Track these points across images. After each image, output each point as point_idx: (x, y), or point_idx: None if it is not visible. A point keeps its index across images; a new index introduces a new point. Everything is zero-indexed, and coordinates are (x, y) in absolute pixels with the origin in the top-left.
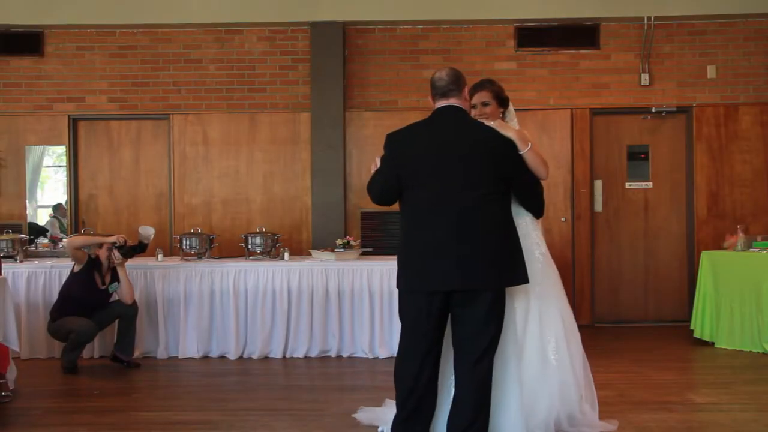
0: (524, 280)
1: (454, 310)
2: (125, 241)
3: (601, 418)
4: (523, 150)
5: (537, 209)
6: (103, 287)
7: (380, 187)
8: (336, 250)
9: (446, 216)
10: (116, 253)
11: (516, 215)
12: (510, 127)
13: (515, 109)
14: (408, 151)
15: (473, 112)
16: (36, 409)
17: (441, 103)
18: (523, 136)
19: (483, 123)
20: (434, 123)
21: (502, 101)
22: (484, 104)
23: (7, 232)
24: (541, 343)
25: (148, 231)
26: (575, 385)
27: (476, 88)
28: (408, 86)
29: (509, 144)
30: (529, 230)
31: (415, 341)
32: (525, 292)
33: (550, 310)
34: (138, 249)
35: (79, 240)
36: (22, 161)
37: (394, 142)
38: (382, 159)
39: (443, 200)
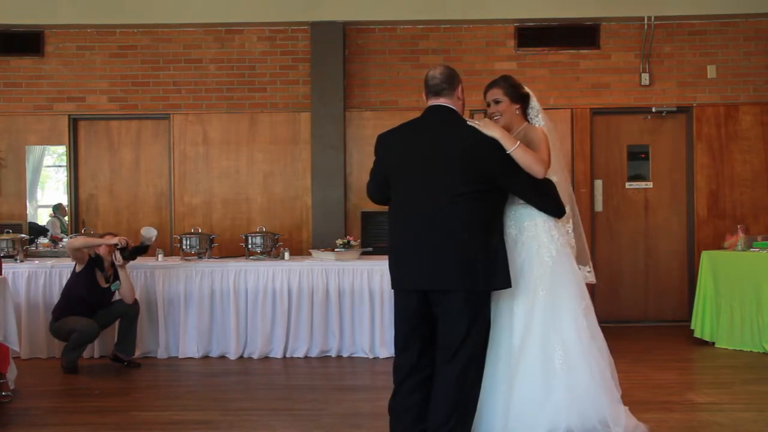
0: (500, 284)
1: (432, 310)
2: (127, 243)
3: None
4: (510, 149)
5: (549, 209)
6: (106, 286)
7: (372, 186)
8: (336, 250)
9: (417, 216)
10: (117, 255)
11: (526, 217)
12: (495, 125)
13: None
14: (392, 152)
15: (488, 110)
16: (36, 409)
17: (432, 102)
18: (505, 134)
19: (467, 123)
20: (420, 123)
21: (518, 98)
22: (496, 102)
23: (7, 232)
24: (543, 350)
25: (150, 232)
26: (600, 393)
27: (489, 86)
28: (408, 86)
29: (492, 144)
30: (538, 232)
31: (399, 339)
32: (527, 296)
33: (561, 315)
34: (140, 250)
35: (78, 241)
36: (23, 161)
37: (381, 142)
38: (375, 159)
39: (417, 201)
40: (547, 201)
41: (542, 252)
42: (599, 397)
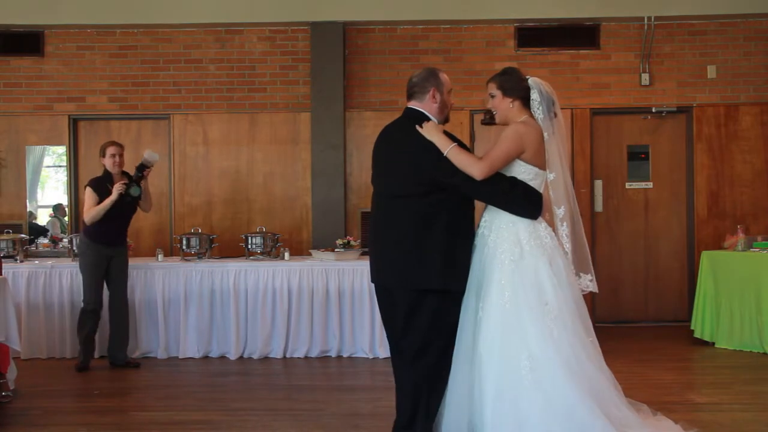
0: (435, 285)
1: None
2: (129, 178)
3: None
4: (444, 151)
5: (508, 209)
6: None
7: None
8: (336, 250)
9: (375, 215)
10: (131, 190)
11: (496, 217)
12: (435, 130)
13: None
14: (374, 153)
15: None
16: (36, 409)
17: (408, 104)
18: (441, 138)
19: (416, 127)
20: (392, 125)
21: (512, 91)
22: (491, 96)
23: (7, 232)
24: (507, 360)
25: (153, 156)
26: (585, 406)
27: (488, 81)
28: None
29: (429, 147)
30: (504, 233)
31: (387, 334)
32: (488, 299)
33: (525, 323)
34: (140, 169)
35: (93, 213)
36: (23, 161)
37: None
38: None
39: (377, 200)
40: (502, 200)
41: (504, 255)
42: (585, 418)
